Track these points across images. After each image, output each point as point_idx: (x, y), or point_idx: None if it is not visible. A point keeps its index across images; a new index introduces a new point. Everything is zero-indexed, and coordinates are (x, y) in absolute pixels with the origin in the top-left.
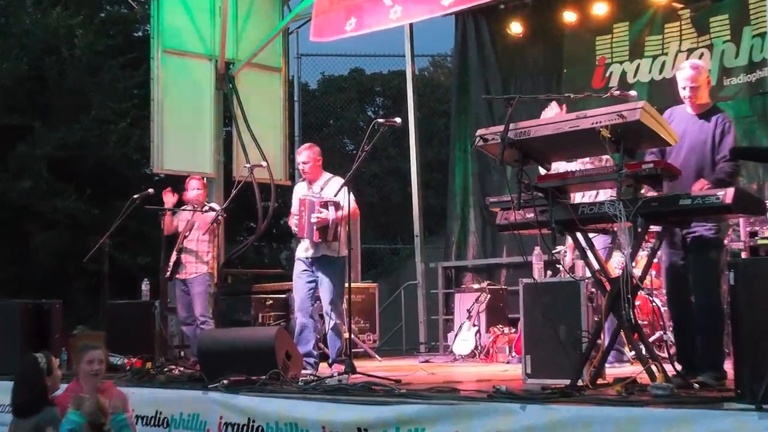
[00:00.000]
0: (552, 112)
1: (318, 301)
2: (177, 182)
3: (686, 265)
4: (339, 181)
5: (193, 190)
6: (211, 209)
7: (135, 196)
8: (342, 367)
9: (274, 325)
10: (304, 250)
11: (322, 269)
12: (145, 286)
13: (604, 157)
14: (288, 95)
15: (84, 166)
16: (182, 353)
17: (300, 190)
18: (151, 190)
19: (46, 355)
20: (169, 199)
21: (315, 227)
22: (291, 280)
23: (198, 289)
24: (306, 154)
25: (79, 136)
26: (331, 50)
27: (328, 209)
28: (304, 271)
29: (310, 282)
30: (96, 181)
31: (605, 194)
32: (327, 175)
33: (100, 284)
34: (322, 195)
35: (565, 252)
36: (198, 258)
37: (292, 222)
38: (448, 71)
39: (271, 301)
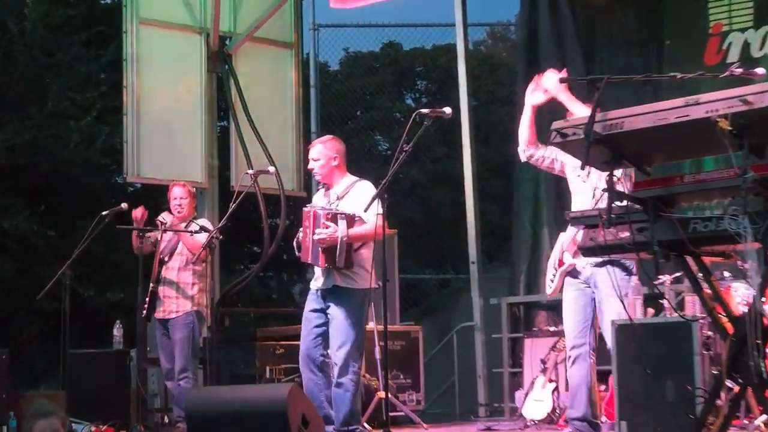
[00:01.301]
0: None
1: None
2: (158, 194)
3: None
4: (365, 187)
5: (176, 199)
6: (203, 229)
7: (103, 213)
8: None
9: (286, 381)
10: (314, 280)
11: (334, 303)
12: (117, 330)
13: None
14: (302, 79)
15: (37, 174)
16: (165, 418)
17: (317, 200)
18: (124, 206)
19: None
20: (138, 216)
21: (320, 248)
22: None
23: (180, 334)
24: (317, 150)
25: (30, 136)
26: (358, 19)
27: (336, 223)
28: (314, 310)
29: (320, 326)
30: (52, 193)
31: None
32: (350, 178)
33: (59, 328)
34: (340, 206)
35: (554, 276)
36: (180, 291)
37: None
38: (512, 45)
39: (281, 350)
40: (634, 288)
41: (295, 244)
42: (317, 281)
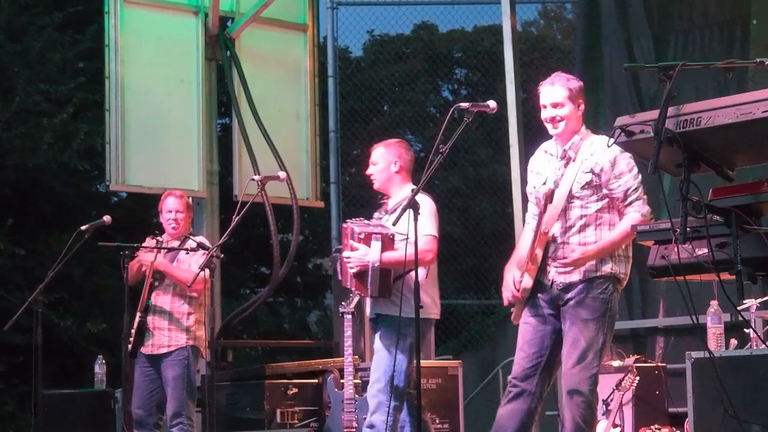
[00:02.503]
0: None
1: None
2: (147, 206)
3: None
4: (420, 202)
5: (170, 212)
6: (201, 246)
7: (82, 228)
8: None
9: (300, 426)
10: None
11: (378, 334)
12: (99, 367)
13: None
14: (319, 67)
15: (2, 182)
16: None
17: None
18: (106, 219)
19: None
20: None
21: (351, 272)
22: (325, 356)
23: (173, 372)
24: (378, 152)
25: None
26: None
27: (370, 245)
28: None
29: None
30: (21, 205)
31: None
32: (407, 190)
33: (30, 364)
34: (388, 221)
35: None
36: (173, 322)
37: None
38: (568, 26)
39: (295, 390)
40: (713, 315)
41: (338, 266)
42: (370, 307)
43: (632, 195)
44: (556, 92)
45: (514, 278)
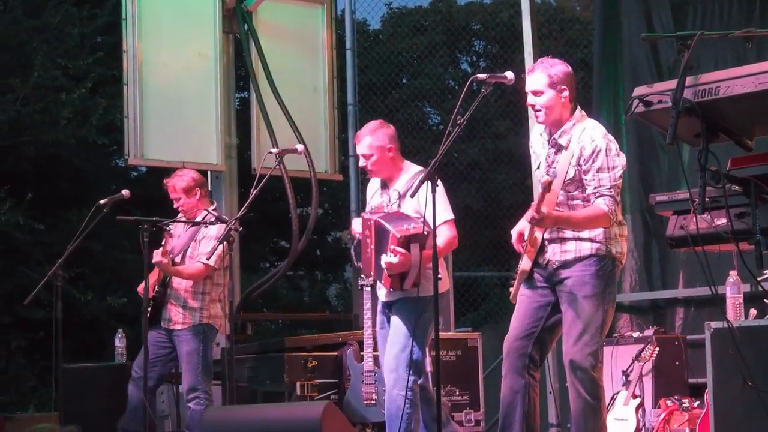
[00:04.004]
0: None
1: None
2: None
3: None
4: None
5: (174, 201)
6: (219, 219)
7: (101, 202)
8: None
9: (320, 398)
10: (379, 288)
11: (394, 313)
12: (119, 341)
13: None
14: (337, 40)
15: (22, 157)
16: None
17: (372, 192)
18: (125, 192)
19: None
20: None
21: (387, 273)
22: (345, 329)
23: (187, 347)
24: (366, 143)
25: (12, 112)
26: None
27: (409, 249)
28: (384, 328)
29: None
30: (40, 180)
31: None
32: (411, 168)
33: (51, 339)
34: (403, 208)
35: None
36: (188, 301)
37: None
38: None
39: (314, 362)
40: (732, 285)
41: (353, 252)
42: (380, 291)
43: (604, 191)
44: (535, 79)
45: (521, 231)
